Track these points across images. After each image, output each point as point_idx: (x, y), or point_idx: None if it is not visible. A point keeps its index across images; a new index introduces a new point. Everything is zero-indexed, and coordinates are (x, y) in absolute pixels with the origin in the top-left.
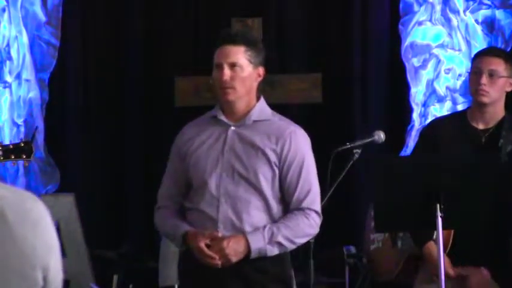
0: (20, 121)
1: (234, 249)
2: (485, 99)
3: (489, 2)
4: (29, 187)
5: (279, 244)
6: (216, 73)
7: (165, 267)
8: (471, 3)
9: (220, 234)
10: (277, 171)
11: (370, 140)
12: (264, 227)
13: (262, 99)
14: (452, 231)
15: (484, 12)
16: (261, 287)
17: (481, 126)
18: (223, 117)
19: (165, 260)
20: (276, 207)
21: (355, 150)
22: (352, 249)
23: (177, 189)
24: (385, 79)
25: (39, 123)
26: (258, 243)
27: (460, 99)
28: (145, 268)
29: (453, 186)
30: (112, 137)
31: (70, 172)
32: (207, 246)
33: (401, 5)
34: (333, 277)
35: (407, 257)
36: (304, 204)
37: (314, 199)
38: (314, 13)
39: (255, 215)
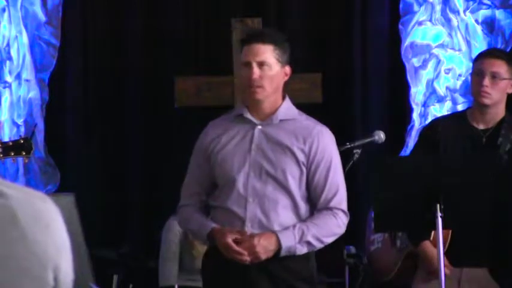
0: (20, 121)
1: (264, 247)
2: (487, 101)
3: (489, 2)
4: (28, 187)
5: (308, 243)
6: (245, 71)
7: (165, 267)
8: (471, 3)
9: (248, 233)
10: (304, 171)
11: (370, 140)
12: (294, 225)
13: (287, 99)
14: (450, 231)
15: (484, 12)
16: (287, 285)
17: (481, 127)
18: (249, 116)
19: (164, 260)
20: (303, 206)
21: (355, 150)
22: (352, 249)
23: (201, 187)
24: (385, 79)
25: (39, 123)
26: (289, 241)
27: (460, 99)
28: (145, 268)
29: (453, 186)
30: (112, 137)
31: (70, 172)
32: (235, 242)
33: (401, 5)
34: (333, 277)
35: (405, 255)
36: (332, 204)
37: (342, 199)
38: (314, 13)
39: (283, 214)
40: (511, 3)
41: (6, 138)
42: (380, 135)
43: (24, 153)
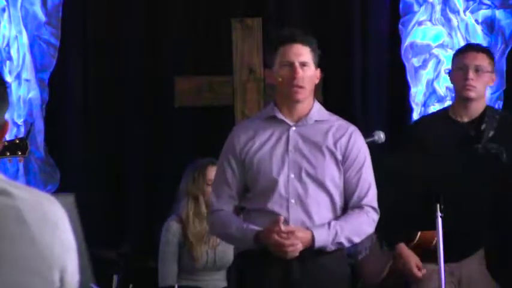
0: (20, 121)
1: (295, 244)
2: (472, 94)
3: (489, 2)
4: (29, 186)
5: (340, 244)
6: (286, 71)
7: (164, 268)
8: (471, 3)
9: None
10: (342, 170)
11: (370, 140)
12: (329, 223)
13: (316, 101)
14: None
15: (484, 12)
16: (324, 284)
17: (465, 120)
18: (282, 117)
19: (164, 260)
20: (339, 204)
21: None
22: (352, 249)
23: (234, 191)
24: (385, 79)
25: (39, 123)
26: (322, 241)
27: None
28: (145, 268)
29: (453, 186)
30: (112, 137)
31: (70, 172)
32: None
33: (401, 5)
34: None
35: (393, 258)
36: (365, 202)
37: (373, 196)
38: (314, 13)
39: (324, 214)
40: (511, 3)
41: (5, 138)
42: (380, 135)
43: (20, 153)
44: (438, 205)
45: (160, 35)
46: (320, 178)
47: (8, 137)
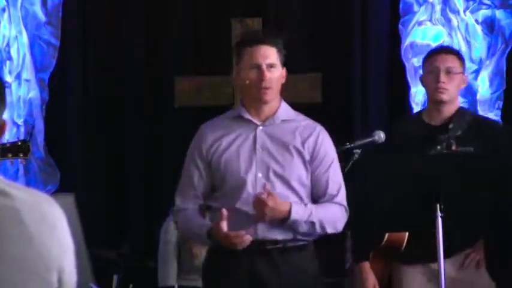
0: (20, 121)
1: (275, 209)
2: (445, 97)
3: (489, 2)
4: (29, 187)
5: (312, 224)
6: (253, 73)
7: (164, 268)
8: (471, 3)
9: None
10: (309, 169)
11: (370, 140)
12: (306, 204)
13: (283, 100)
14: (407, 233)
15: (484, 12)
16: (293, 281)
17: (438, 123)
18: (249, 117)
19: (163, 260)
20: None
21: (355, 151)
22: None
23: (199, 191)
24: (385, 79)
25: (39, 123)
26: (298, 215)
27: (460, 99)
28: (145, 268)
29: (453, 186)
30: (112, 137)
31: (70, 172)
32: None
33: (401, 5)
34: (332, 277)
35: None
36: (337, 200)
37: (344, 196)
38: (314, 13)
39: None
40: (511, 3)
41: (6, 139)
42: (380, 135)
43: (21, 155)
44: (438, 205)
45: (160, 35)
46: (287, 177)
47: (9, 138)
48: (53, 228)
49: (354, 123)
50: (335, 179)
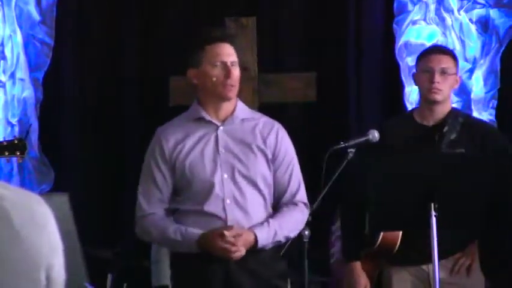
0: (14, 120)
1: (245, 243)
2: (439, 98)
3: (483, 1)
4: (23, 186)
5: (278, 241)
6: (219, 71)
7: (158, 267)
8: (465, 2)
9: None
10: (272, 167)
11: (364, 139)
12: (268, 222)
13: (238, 99)
14: (400, 233)
15: (478, 12)
16: (265, 281)
17: (431, 123)
18: (210, 118)
19: (157, 259)
20: (270, 202)
21: (349, 150)
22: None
23: (164, 195)
24: (379, 78)
25: (34, 122)
26: (264, 240)
27: (454, 98)
28: (139, 267)
29: (448, 185)
30: (106, 136)
31: (64, 171)
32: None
33: (395, 4)
34: (326, 276)
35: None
36: (297, 198)
37: (304, 192)
38: (308, 12)
39: (260, 213)
40: (505, 3)
41: (0, 138)
42: (374, 135)
43: (18, 154)
44: (433, 204)
45: (155, 34)
46: (253, 177)
47: (6, 136)
48: (43, 228)
49: (349, 122)
50: (295, 177)
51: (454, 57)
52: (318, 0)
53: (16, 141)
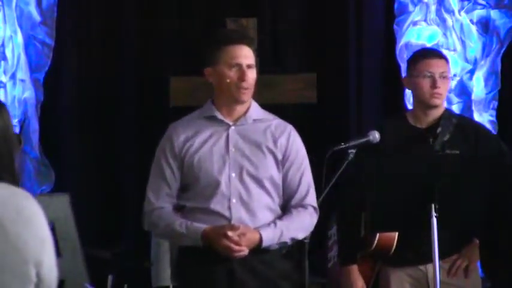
0: (15, 121)
1: (249, 242)
2: (439, 102)
3: (484, 2)
4: (23, 187)
5: (284, 243)
6: (235, 73)
7: (158, 268)
8: (466, 3)
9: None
10: (281, 169)
11: (365, 140)
12: (275, 223)
13: (253, 99)
14: (397, 234)
15: (479, 12)
16: (271, 283)
17: (424, 125)
18: (222, 117)
19: (157, 260)
20: (279, 203)
21: (350, 151)
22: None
23: (172, 190)
24: (380, 79)
25: (34, 123)
26: (269, 240)
27: (455, 99)
28: (140, 268)
29: (448, 186)
30: (107, 137)
31: (65, 172)
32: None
33: (396, 5)
34: (327, 277)
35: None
36: (306, 201)
37: (314, 195)
38: (309, 13)
39: (266, 214)
40: (505, 3)
41: None
42: (375, 135)
43: None
44: (433, 205)
45: (156, 35)
46: (261, 178)
47: None
48: (29, 222)
49: (349, 123)
50: (305, 180)
51: (447, 60)
52: (318, 1)
53: None
